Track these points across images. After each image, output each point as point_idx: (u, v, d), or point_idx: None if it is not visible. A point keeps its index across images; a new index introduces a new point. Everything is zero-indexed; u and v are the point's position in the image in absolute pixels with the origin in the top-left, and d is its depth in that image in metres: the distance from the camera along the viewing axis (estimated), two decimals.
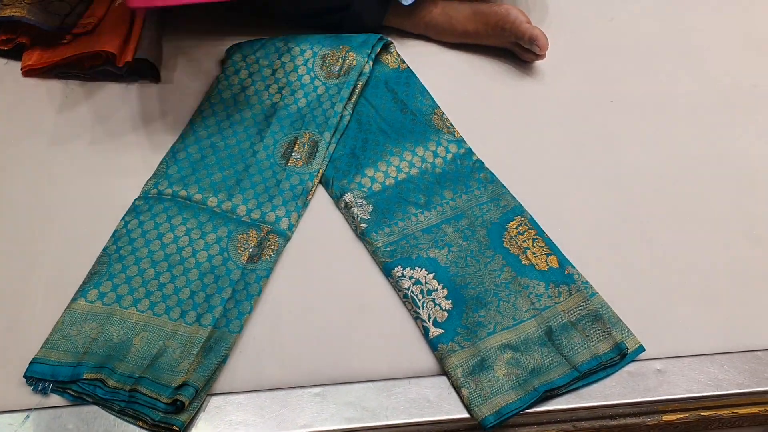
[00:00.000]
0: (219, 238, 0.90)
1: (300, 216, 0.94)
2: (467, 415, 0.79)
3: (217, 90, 1.05)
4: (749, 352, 0.85)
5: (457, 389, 0.80)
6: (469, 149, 1.01)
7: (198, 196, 0.93)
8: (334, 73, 1.06)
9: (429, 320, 0.84)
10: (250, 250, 0.89)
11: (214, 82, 1.07)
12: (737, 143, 1.07)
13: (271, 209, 0.93)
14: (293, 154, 0.99)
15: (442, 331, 0.83)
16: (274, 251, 0.90)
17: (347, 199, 0.94)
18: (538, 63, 1.14)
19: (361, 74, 1.06)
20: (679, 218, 0.97)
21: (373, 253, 0.90)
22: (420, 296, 0.85)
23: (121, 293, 0.84)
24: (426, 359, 0.83)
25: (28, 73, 1.07)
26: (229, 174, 0.96)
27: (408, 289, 0.86)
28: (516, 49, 1.13)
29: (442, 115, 1.04)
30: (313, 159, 0.99)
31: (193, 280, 0.86)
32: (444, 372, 0.81)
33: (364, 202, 0.94)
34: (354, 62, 1.06)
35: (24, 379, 0.77)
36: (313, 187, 0.97)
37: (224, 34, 1.10)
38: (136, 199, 0.93)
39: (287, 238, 0.92)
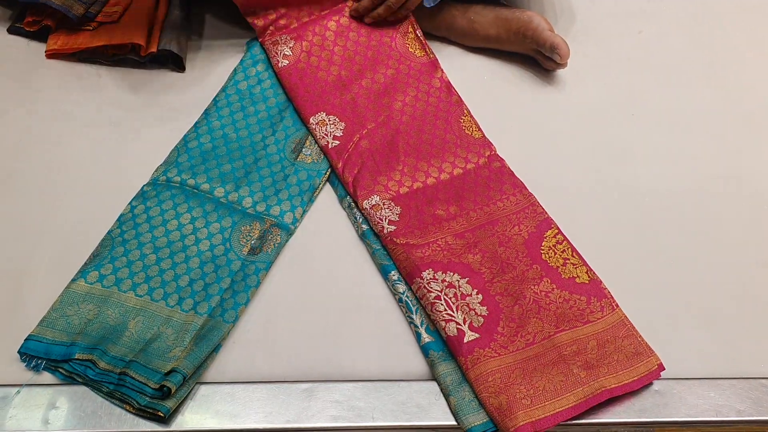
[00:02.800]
0: (223, 228, 0.90)
1: (305, 212, 0.94)
2: (454, 423, 0.77)
3: (233, 81, 1.06)
4: (754, 379, 0.83)
5: (446, 396, 0.79)
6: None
7: (206, 186, 0.94)
8: None
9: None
10: (252, 242, 0.89)
11: (231, 74, 1.07)
12: (758, 164, 1.04)
13: (276, 203, 0.93)
14: (303, 149, 0.99)
15: (432, 338, 0.82)
16: (276, 245, 0.89)
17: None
18: (560, 72, 1.13)
19: None
20: (691, 238, 0.95)
21: (373, 255, 0.90)
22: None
23: (120, 277, 0.85)
24: (418, 363, 0.82)
25: (51, 56, 1.09)
26: (238, 165, 0.97)
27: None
28: (537, 57, 1.12)
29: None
30: (324, 156, 0.98)
31: (194, 268, 0.86)
32: (434, 378, 0.80)
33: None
34: None
35: (18, 356, 0.78)
36: (320, 184, 0.97)
37: (247, 27, 1.11)
38: (144, 185, 0.94)
39: (290, 233, 0.92)
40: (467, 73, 1.12)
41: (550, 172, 1.00)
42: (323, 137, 0.99)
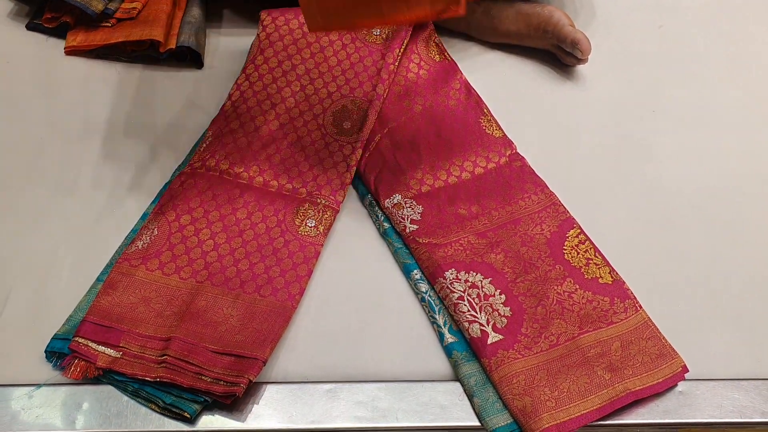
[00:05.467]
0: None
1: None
2: (478, 424, 0.77)
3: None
4: None
5: (470, 397, 0.79)
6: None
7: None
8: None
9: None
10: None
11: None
12: None
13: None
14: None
15: (455, 339, 0.82)
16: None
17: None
18: (580, 67, 1.12)
19: None
20: (715, 237, 0.94)
21: (395, 253, 0.90)
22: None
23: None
24: (441, 363, 0.82)
25: (70, 52, 1.09)
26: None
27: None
28: (558, 52, 1.11)
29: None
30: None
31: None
32: (458, 379, 0.80)
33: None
34: None
35: (42, 355, 0.79)
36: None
37: None
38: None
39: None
40: (487, 70, 1.11)
41: (571, 170, 1.00)
42: None
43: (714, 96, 1.11)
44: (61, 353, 0.79)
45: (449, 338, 0.82)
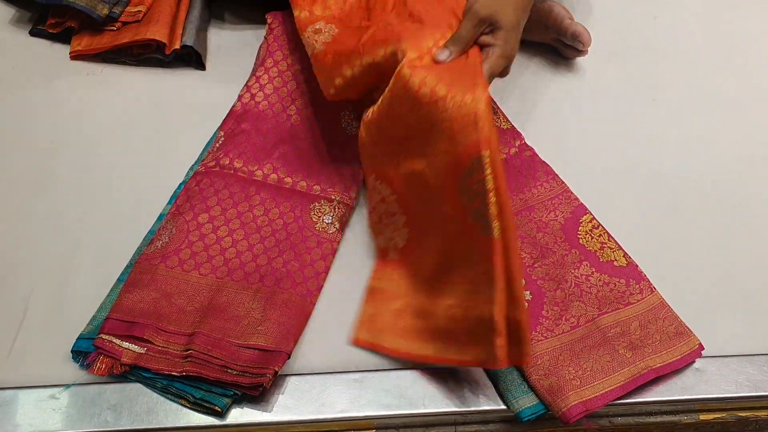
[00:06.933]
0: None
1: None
2: (504, 407, 0.79)
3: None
4: None
5: (494, 381, 0.80)
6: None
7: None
8: None
9: None
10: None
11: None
12: None
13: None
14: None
15: None
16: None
17: None
18: (580, 59, 1.14)
19: None
20: (719, 220, 0.97)
21: None
22: None
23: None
24: None
25: (75, 57, 1.09)
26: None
27: None
28: (559, 46, 1.13)
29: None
30: None
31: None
32: None
33: None
34: None
35: (69, 355, 0.79)
36: None
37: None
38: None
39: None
40: None
41: (577, 159, 1.02)
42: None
43: (711, 84, 1.14)
44: (86, 352, 0.79)
45: None
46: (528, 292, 0.85)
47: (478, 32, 0.84)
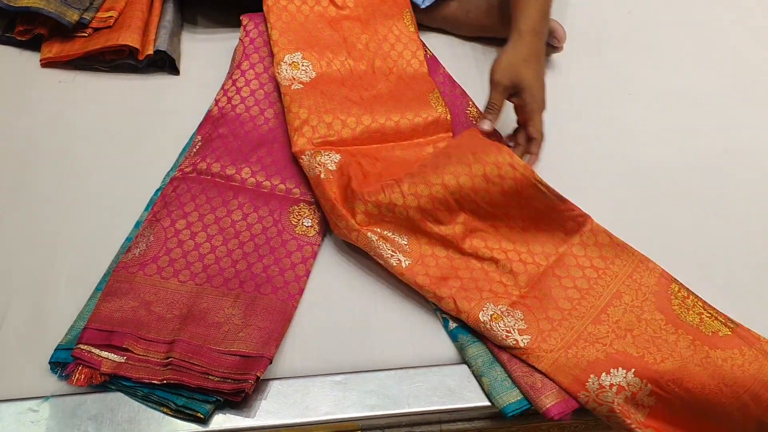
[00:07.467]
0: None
1: None
2: (488, 403, 0.79)
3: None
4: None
5: (478, 378, 0.80)
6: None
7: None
8: None
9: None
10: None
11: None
12: (758, 138, 1.07)
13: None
14: None
15: (459, 324, 0.83)
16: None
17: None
18: (556, 56, 1.15)
19: None
20: (696, 211, 0.98)
21: None
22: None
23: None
24: (447, 348, 0.83)
25: (47, 64, 1.08)
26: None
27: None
28: None
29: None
30: None
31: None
32: (464, 361, 0.82)
33: None
34: None
35: (48, 367, 0.78)
36: None
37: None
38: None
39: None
40: (464, 63, 1.14)
41: (556, 153, 1.02)
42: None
43: (686, 77, 1.14)
44: (65, 363, 0.78)
45: (453, 324, 0.83)
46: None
47: (505, 96, 0.95)
